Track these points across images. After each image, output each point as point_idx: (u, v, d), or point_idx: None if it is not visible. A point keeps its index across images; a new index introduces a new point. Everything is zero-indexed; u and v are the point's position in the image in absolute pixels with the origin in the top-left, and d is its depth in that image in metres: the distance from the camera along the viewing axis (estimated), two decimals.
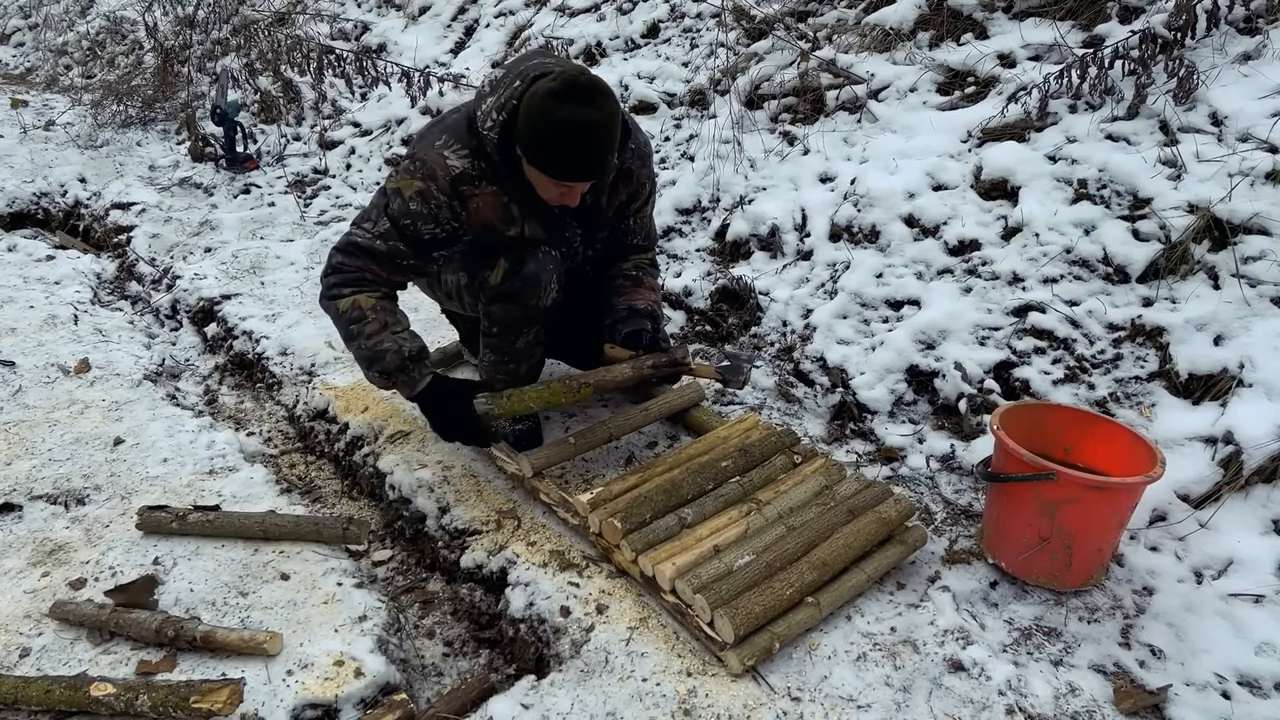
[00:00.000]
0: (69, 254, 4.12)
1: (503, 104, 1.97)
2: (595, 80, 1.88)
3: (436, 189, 2.05)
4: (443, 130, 2.09)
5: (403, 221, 2.08)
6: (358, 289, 2.15)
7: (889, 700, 1.72)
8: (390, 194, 2.09)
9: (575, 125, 1.85)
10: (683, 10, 4.49)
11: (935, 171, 3.01)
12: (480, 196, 2.08)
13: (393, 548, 2.40)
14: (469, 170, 2.04)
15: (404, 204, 2.07)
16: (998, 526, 2.03)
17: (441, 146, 2.05)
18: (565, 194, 2.04)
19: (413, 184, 2.06)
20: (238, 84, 5.64)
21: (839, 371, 2.67)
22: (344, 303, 2.15)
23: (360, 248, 2.12)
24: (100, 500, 2.32)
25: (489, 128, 1.99)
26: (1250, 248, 2.35)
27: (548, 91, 1.85)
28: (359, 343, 2.16)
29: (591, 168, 1.95)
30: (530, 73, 1.96)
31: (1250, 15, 2.86)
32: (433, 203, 2.06)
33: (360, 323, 2.14)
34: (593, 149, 1.90)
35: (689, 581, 1.84)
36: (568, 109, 1.84)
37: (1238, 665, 1.77)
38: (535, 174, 1.99)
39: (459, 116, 2.11)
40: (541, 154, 1.92)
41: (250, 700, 1.70)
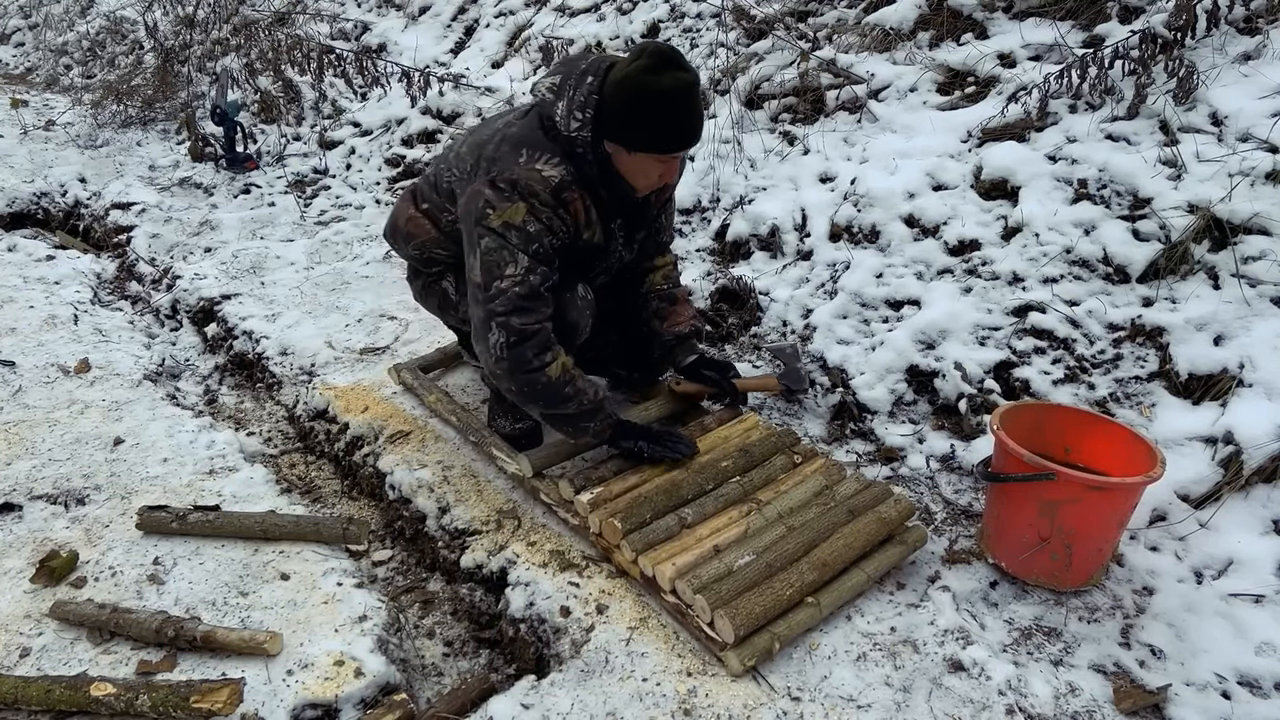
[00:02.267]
0: (69, 254, 4.12)
1: (584, 101, 1.93)
2: (672, 46, 1.89)
3: (540, 203, 1.98)
4: (516, 146, 2.02)
5: (532, 247, 2.00)
6: (552, 348, 2.06)
7: (889, 700, 1.72)
8: (503, 230, 1.99)
9: (679, 91, 1.84)
10: (683, 10, 4.48)
11: (935, 171, 3.01)
12: (575, 201, 2.04)
13: (393, 548, 2.40)
14: (565, 177, 2.00)
15: (523, 231, 1.99)
16: (998, 526, 2.03)
17: (529, 162, 1.99)
18: (665, 171, 2.01)
19: (518, 208, 1.98)
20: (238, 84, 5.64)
21: (839, 371, 2.67)
22: (553, 369, 2.06)
23: (524, 297, 2.00)
24: (100, 500, 2.32)
25: (577, 127, 1.95)
26: (1250, 248, 2.35)
27: (640, 69, 1.84)
28: (576, 401, 2.11)
29: (697, 130, 1.94)
30: (597, 65, 1.94)
31: (1250, 15, 2.86)
32: (543, 216, 2.00)
33: (572, 383, 2.10)
34: (695, 110, 1.90)
35: (689, 582, 1.84)
36: (667, 77, 1.82)
37: (1238, 665, 1.77)
38: (639, 160, 1.96)
39: (522, 130, 2.04)
40: (653, 131, 1.89)
41: (250, 700, 1.70)
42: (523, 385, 2.07)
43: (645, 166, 1.99)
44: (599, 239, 2.15)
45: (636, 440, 2.22)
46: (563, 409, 2.12)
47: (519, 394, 2.10)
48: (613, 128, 1.92)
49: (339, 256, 3.98)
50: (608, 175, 2.04)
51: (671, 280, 2.48)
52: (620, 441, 2.22)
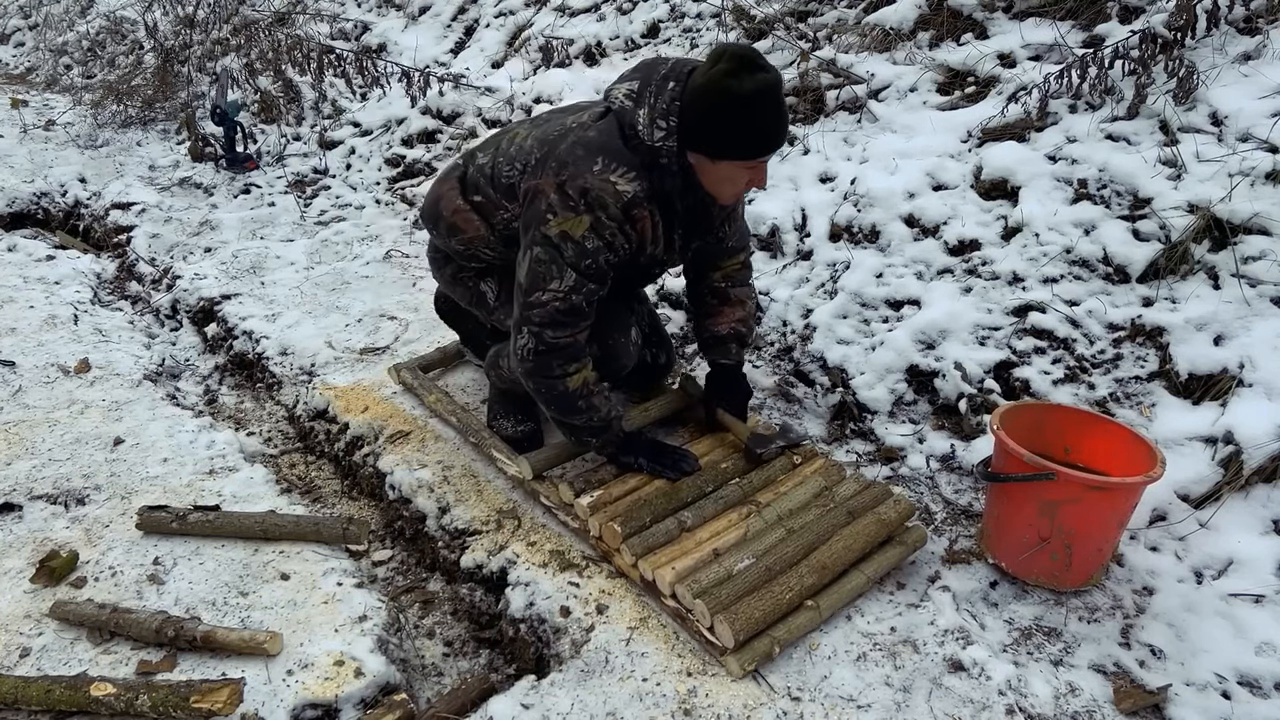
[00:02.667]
0: (69, 254, 4.12)
1: (666, 108, 1.84)
2: (752, 47, 1.82)
3: (607, 217, 1.90)
4: (594, 153, 1.91)
5: (584, 263, 1.93)
6: (578, 360, 2.05)
7: (889, 700, 1.72)
8: (559, 241, 1.92)
9: (762, 93, 1.76)
10: (683, 10, 4.48)
11: (935, 171, 3.01)
12: (644, 219, 1.96)
13: (393, 548, 2.40)
14: (639, 193, 1.90)
15: (579, 245, 1.91)
16: (998, 526, 2.03)
17: (603, 172, 1.88)
18: (754, 177, 1.93)
19: (581, 221, 1.90)
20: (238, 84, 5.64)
21: (839, 371, 2.67)
22: (573, 381, 2.05)
23: (564, 312, 1.97)
24: (100, 500, 2.32)
25: (661, 137, 1.85)
26: (1250, 248, 2.35)
27: (722, 73, 1.76)
28: (586, 416, 2.11)
29: (783, 132, 1.87)
30: (679, 71, 1.86)
31: (1250, 15, 2.86)
32: (606, 232, 1.91)
33: (588, 398, 2.09)
34: (783, 110, 1.83)
35: (689, 586, 1.84)
36: (749, 80, 1.76)
37: (1238, 665, 1.77)
38: (724, 168, 1.88)
39: (600, 135, 1.93)
40: (738, 137, 1.82)
41: (250, 700, 1.70)
42: (539, 387, 2.08)
43: (732, 174, 1.90)
44: (661, 253, 2.09)
45: (637, 456, 2.22)
46: (572, 419, 2.13)
47: (534, 393, 2.12)
48: (696, 137, 1.84)
49: (339, 256, 3.98)
50: (689, 186, 1.96)
51: (732, 279, 2.35)
52: (621, 457, 2.23)
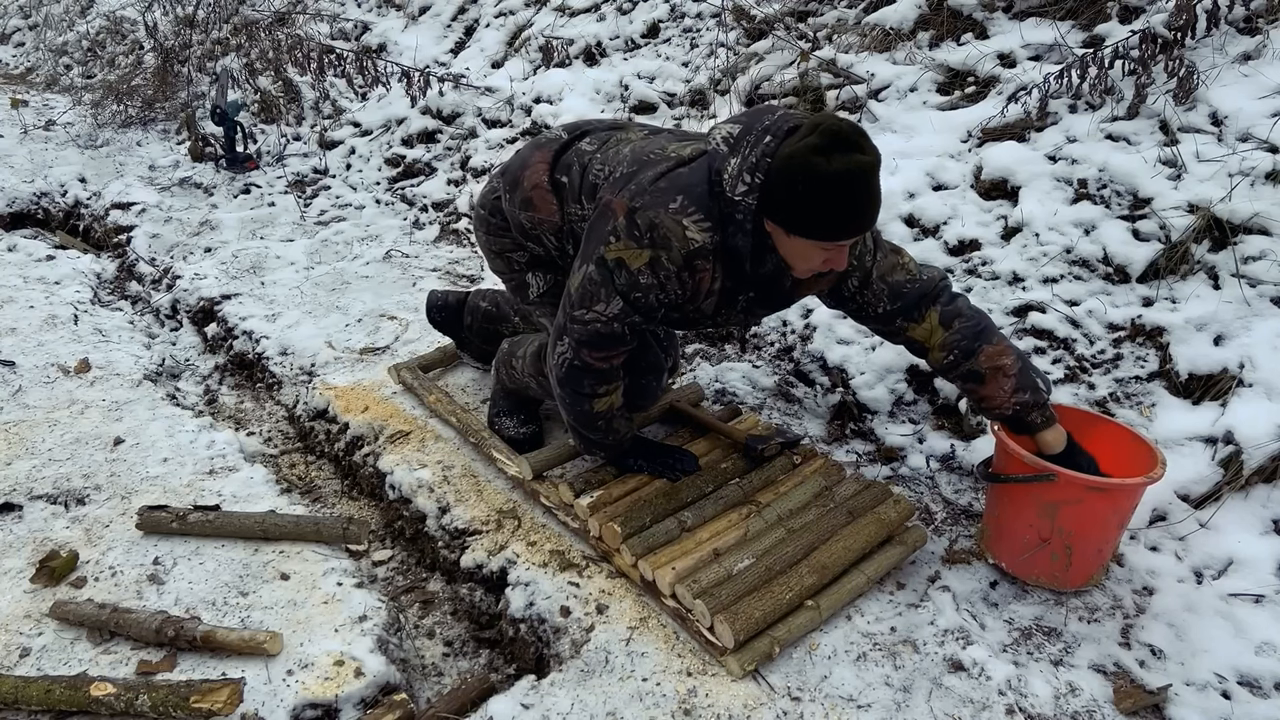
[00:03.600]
0: (69, 254, 4.12)
1: (755, 164, 1.70)
2: (853, 123, 1.67)
3: (668, 259, 1.80)
4: (677, 190, 1.79)
5: (633, 295, 1.85)
6: (609, 383, 2.03)
7: (889, 700, 1.72)
8: (614, 266, 1.83)
9: (847, 177, 1.61)
10: (683, 10, 4.48)
11: (935, 171, 3.01)
12: (705, 273, 1.84)
13: (393, 548, 2.40)
14: (707, 245, 1.78)
15: (632, 278, 1.82)
16: (998, 527, 2.03)
17: (678, 213, 1.77)
18: (832, 258, 1.76)
19: (641, 255, 1.80)
20: (238, 84, 5.64)
21: (839, 371, 2.67)
22: (600, 403, 2.05)
23: (604, 336, 1.91)
24: (100, 500, 2.32)
25: (743, 193, 1.72)
26: (1250, 248, 2.35)
27: (810, 148, 1.62)
28: (601, 434, 2.13)
29: (867, 219, 1.69)
30: (780, 125, 1.72)
31: (1250, 15, 2.85)
32: (662, 274, 1.82)
33: (610, 420, 2.10)
34: (869, 197, 1.67)
35: (689, 586, 1.84)
36: (839, 159, 1.60)
37: (1238, 665, 1.77)
38: (798, 243, 1.74)
39: (692, 174, 1.81)
40: (815, 218, 1.67)
41: (250, 700, 1.70)
42: (566, 397, 2.06)
43: (806, 251, 1.76)
44: (711, 310, 1.96)
45: (636, 458, 2.23)
46: (587, 432, 2.13)
47: (559, 399, 2.10)
48: (773, 205, 1.71)
49: (339, 256, 3.98)
50: (760, 250, 1.83)
51: (952, 349, 1.95)
52: (620, 459, 2.24)
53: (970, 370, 1.94)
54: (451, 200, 4.34)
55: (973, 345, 1.93)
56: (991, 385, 1.92)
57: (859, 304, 2.01)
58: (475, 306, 2.78)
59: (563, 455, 2.34)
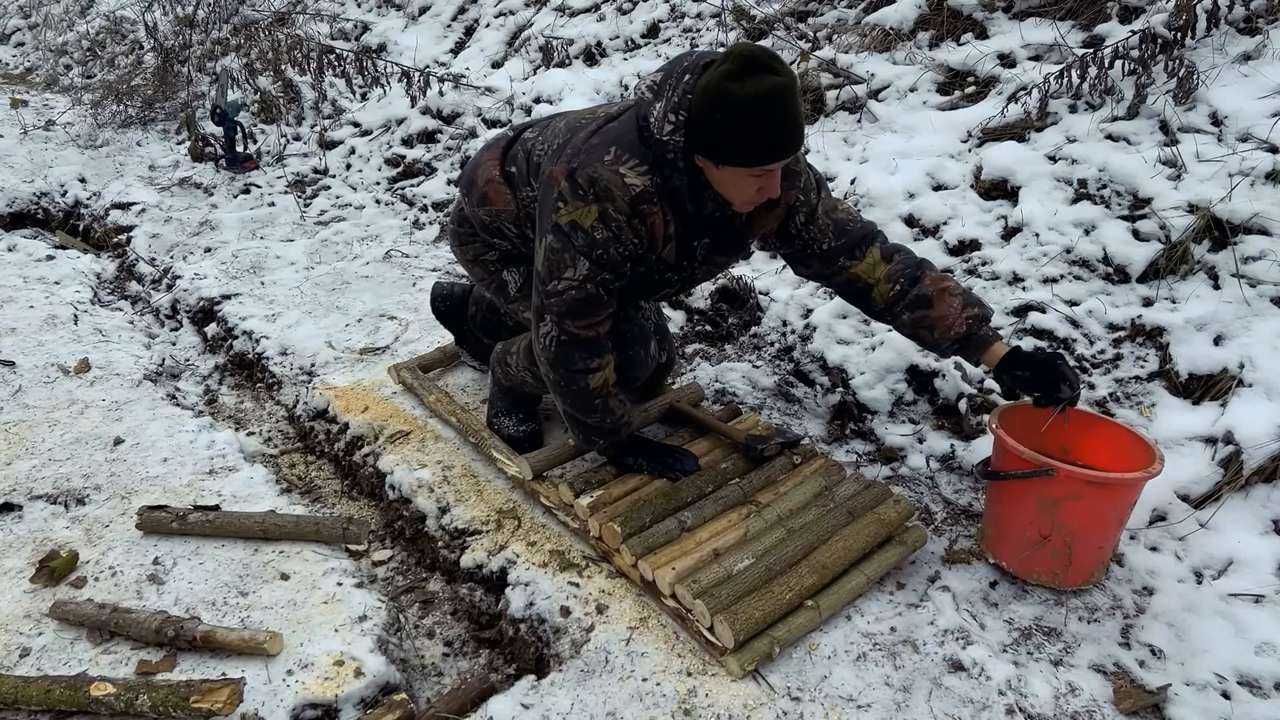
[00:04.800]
0: (69, 254, 4.12)
1: (678, 102, 1.76)
2: (765, 48, 1.71)
3: (615, 210, 1.84)
4: (608, 142, 1.86)
5: (595, 253, 1.88)
6: (601, 356, 2.01)
7: (889, 700, 1.72)
8: (569, 230, 1.87)
9: (765, 97, 1.66)
10: (683, 10, 4.48)
11: (935, 171, 3.01)
12: (654, 215, 1.89)
13: (393, 548, 2.40)
14: (649, 188, 1.84)
15: (588, 235, 1.86)
16: (998, 525, 2.03)
17: (614, 163, 1.83)
18: (764, 185, 1.81)
19: (590, 211, 1.85)
20: (238, 84, 5.64)
21: (839, 371, 2.67)
22: (596, 379, 2.02)
23: (581, 301, 1.92)
24: (100, 500, 2.32)
25: (669, 131, 1.78)
26: (1250, 248, 2.35)
27: (723, 75, 1.67)
28: (600, 417, 2.10)
29: (790, 139, 1.73)
30: (696, 62, 1.77)
31: (1250, 15, 2.86)
32: (613, 225, 1.86)
33: (606, 398, 2.08)
34: (788, 117, 1.70)
35: (689, 586, 1.84)
36: (751, 83, 1.65)
37: (1238, 665, 1.77)
38: (729, 174, 1.79)
39: (620, 126, 1.89)
40: (737, 144, 1.72)
41: (250, 700, 1.70)
42: (560, 380, 2.05)
43: (738, 181, 1.81)
44: (671, 257, 2.00)
45: (637, 458, 2.23)
46: (585, 417, 2.12)
47: (553, 385, 2.10)
48: (699, 139, 1.76)
49: (339, 256, 3.98)
50: (696, 188, 1.88)
51: (903, 278, 2.03)
52: (621, 459, 2.23)
53: (918, 295, 2.01)
54: (452, 200, 4.34)
55: (916, 272, 2.03)
56: (941, 305, 1.99)
57: (805, 240, 2.06)
58: (480, 297, 2.77)
59: (563, 455, 2.34)
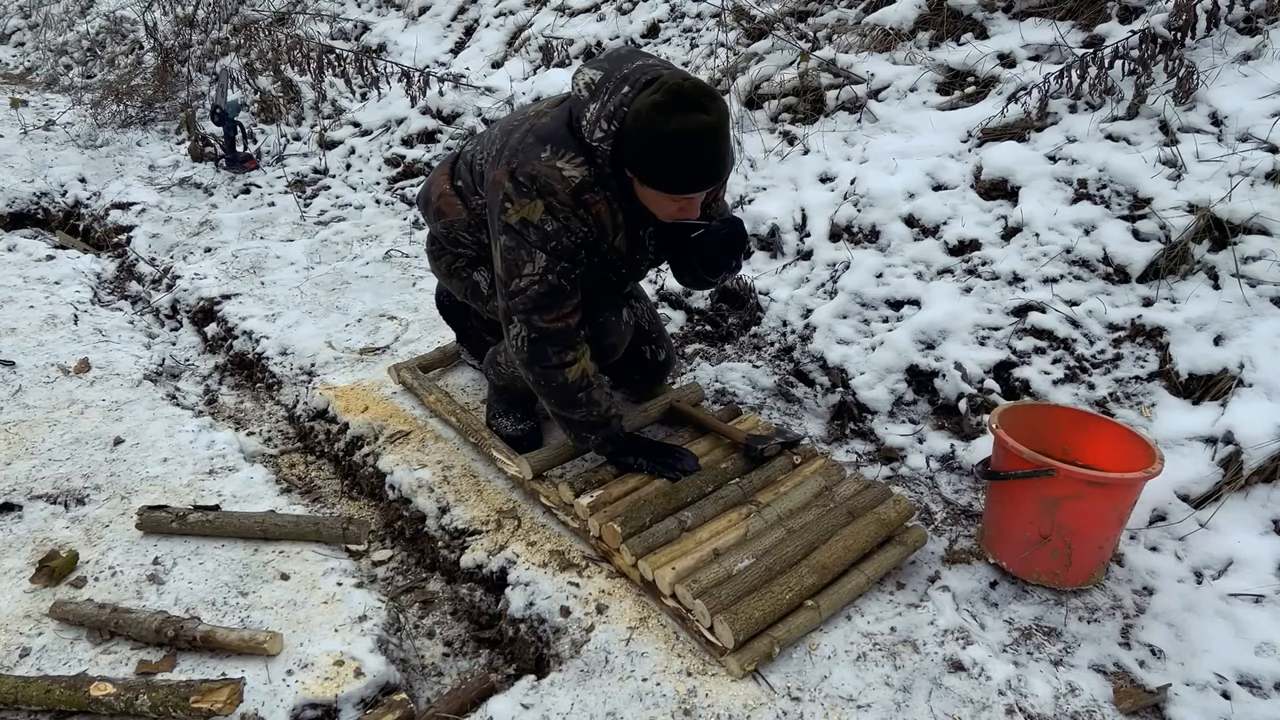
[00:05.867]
0: (69, 254, 4.12)
1: (612, 112, 1.83)
2: (700, 83, 1.77)
3: (559, 201, 1.91)
4: (542, 140, 1.93)
5: (550, 244, 1.94)
6: (575, 349, 2.05)
7: (889, 700, 1.72)
8: (520, 227, 1.94)
9: (688, 136, 1.74)
10: (683, 10, 4.49)
11: (935, 171, 3.01)
12: (598, 203, 1.96)
13: (393, 548, 2.40)
14: (587, 178, 1.91)
15: (539, 229, 1.93)
16: (998, 525, 2.03)
17: (551, 158, 1.90)
18: (685, 207, 1.91)
19: (535, 205, 1.91)
20: (238, 84, 5.64)
21: (839, 371, 2.67)
22: (573, 371, 2.05)
23: (544, 295, 1.97)
24: (100, 500, 2.32)
25: (599, 139, 1.86)
26: (1250, 248, 2.35)
27: (653, 106, 1.74)
28: (586, 410, 2.12)
29: (711, 175, 1.83)
30: (637, 77, 1.83)
31: (1250, 15, 2.86)
32: (560, 215, 1.93)
33: (588, 390, 2.09)
34: (708, 155, 1.79)
35: (689, 586, 1.84)
36: (677, 119, 1.73)
37: (1238, 665, 1.77)
38: (650, 193, 1.88)
39: (551, 123, 1.96)
40: (656, 172, 1.81)
41: (250, 700, 1.70)
42: (539, 378, 2.09)
43: (659, 200, 1.90)
44: (624, 246, 2.08)
45: (636, 457, 2.23)
46: (571, 413, 2.14)
47: (534, 384, 2.13)
48: (626, 156, 1.84)
49: (339, 256, 3.98)
50: (627, 192, 1.96)
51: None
52: (621, 458, 2.23)
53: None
54: None
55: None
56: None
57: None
58: None
59: (563, 455, 2.34)
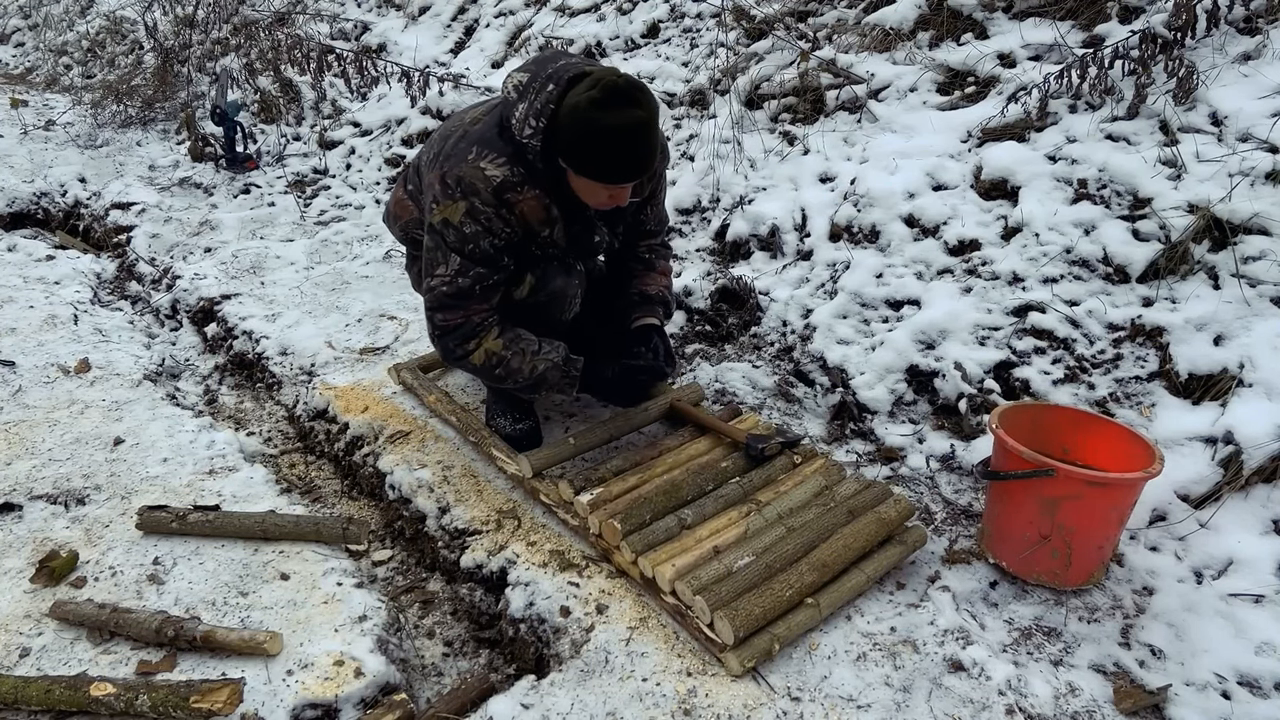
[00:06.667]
0: (69, 254, 4.12)
1: (540, 109, 1.93)
2: (632, 80, 1.88)
3: (481, 202, 2.00)
4: (471, 143, 2.03)
5: (467, 248, 2.03)
6: (477, 337, 2.13)
7: (889, 700, 1.72)
8: (441, 228, 2.04)
9: (624, 130, 1.85)
10: (683, 10, 4.48)
11: (935, 171, 3.01)
12: (524, 201, 2.04)
13: (393, 548, 2.40)
14: (510, 177, 2.00)
15: (458, 231, 2.02)
16: (998, 525, 2.03)
17: (475, 160, 2.00)
18: (615, 195, 2.02)
19: (457, 207, 2.01)
20: (238, 84, 5.64)
21: (839, 371, 2.67)
22: (476, 357, 2.14)
23: (450, 296, 2.09)
24: (100, 500, 2.32)
25: (529, 135, 1.95)
26: (1250, 248, 2.35)
27: (590, 101, 1.84)
28: (513, 379, 2.19)
29: (643, 166, 1.94)
30: (561, 75, 1.93)
31: (1250, 15, 2.86)
32: (481, 217, 2.01)
33: (503, 364, 2.16)
34: (642, 148, 1.91)
35: (689, 583, 1.84)
36: (613, 114, 1.83)
37: (1238, 665, 1.77)
38: (584, 182, 1.98)
39: (482, 127, 2.05)
40: (592, 162, 1.91)
41: (250, 700, 1.70)
42: (455, 365, 2.23)
43: (591, 189, 2.00)
44: (561, 238, 2.15)
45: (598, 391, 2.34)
46: (503, 384, 2.25)
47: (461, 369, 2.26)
48: (560, 148, 1.94)
49: (339, 256, 3.98)
50: (559, 184, 2.05)
51: (654, 252, 2.48)
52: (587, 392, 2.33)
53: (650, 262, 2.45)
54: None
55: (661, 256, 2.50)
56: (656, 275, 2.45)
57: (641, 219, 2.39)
58: None
59: (563, 454, 2.34)
